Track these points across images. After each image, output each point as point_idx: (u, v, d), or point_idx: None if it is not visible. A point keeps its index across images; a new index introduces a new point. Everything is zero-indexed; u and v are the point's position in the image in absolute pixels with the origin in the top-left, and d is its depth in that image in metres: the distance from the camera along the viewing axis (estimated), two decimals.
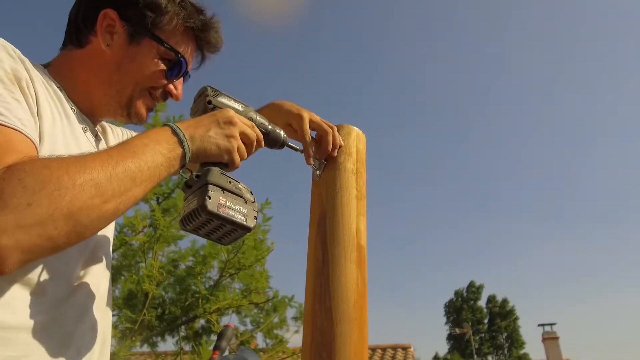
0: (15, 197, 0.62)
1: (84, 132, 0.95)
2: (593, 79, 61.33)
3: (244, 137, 0.89)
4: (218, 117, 0.87)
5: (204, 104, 0.93)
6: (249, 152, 0.91)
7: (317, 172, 1.03)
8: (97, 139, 1.02)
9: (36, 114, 0.82)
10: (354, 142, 1.06)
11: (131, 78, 0.96)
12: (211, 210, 0.78)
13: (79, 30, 0.97)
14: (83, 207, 0.66)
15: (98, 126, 1.06)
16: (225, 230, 0.83)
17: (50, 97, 0.88)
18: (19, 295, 0.74)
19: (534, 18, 60.90)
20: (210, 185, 0.80)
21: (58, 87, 0.93)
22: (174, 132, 0.81)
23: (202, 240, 5.75)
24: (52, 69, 0.97)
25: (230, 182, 0.84)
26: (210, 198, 0.79)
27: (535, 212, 57.88)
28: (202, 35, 1.03)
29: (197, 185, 0.82)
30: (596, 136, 59.26)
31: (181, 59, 0.99)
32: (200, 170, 0.85)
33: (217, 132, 0.85)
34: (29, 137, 0.75)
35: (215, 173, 0.83)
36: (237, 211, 0.82)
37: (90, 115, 0.99)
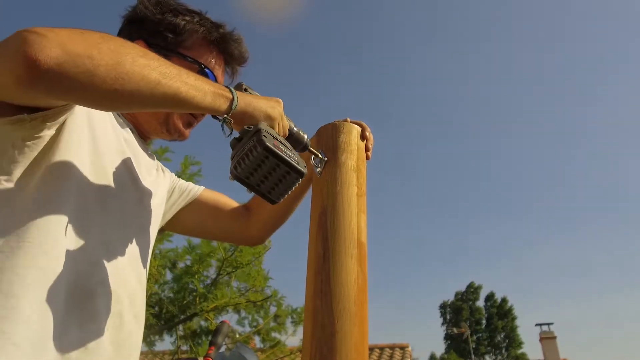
0: (71, 29, 0.67)
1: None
2: (593, 80, 61.60)
3: (282, 121, 0.93)
4: (265, 96, 0.93)
5: (241, 90, 0.96)
6: None
7: (318, 170, 1.03)
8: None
9: None
10: (355, 139, 1.06)
11: None
12: (268, 145, 0.80)
13: None
14: (129, 55, 0.69)
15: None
16: (279, 175, 0.84)
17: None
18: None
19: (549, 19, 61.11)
20: (263, 130, 0.83)
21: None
22: (225, 86, 0.86)
23: (199, 240, 5.75)
24: None
25: (278, 134, 0.88)
26: (266, 137, 0.81)
27: (535, 211, 58.12)
28: (224, 46, 1.11)
29: (248, 135, 0.84)
30: (596, 135, 59.52)
31: (205, 69, 1.06)
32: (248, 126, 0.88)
33: (264, 103, 0.90)
34: None
35: (265, 124, 0.86)
36: (290, 155, 0.84)
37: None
